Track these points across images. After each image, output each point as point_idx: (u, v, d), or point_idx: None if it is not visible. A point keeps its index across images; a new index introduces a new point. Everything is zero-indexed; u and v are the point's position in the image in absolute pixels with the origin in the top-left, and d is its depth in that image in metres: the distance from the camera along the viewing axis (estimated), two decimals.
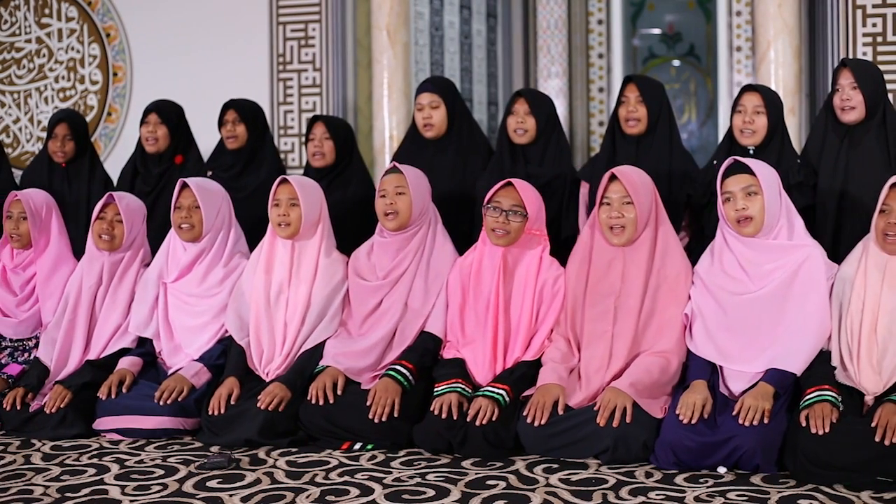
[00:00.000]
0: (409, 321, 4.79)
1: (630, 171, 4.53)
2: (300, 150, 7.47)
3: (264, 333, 4.87)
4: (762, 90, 5.10)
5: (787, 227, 4.36)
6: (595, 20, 10.62)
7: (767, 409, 4.04)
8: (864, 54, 6.53)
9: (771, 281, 4.30)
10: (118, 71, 8.02)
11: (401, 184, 4.78)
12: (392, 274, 4.84)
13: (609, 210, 4.47)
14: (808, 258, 4.30)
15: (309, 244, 4.93)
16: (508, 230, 4.60)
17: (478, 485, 3.93)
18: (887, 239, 4.15)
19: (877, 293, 4.18)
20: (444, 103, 5.55)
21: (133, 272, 5.20)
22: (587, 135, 10.52)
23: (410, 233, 4.85)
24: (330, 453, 4.43)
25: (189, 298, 5.05)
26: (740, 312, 4.33)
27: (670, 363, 4.41)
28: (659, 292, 4.50)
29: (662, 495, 3.78)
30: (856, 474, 3.83)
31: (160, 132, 6.09)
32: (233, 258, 5.10)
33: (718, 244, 4.47)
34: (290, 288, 4.90)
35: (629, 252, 4.51)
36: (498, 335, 4.62)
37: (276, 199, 4.88)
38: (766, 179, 4.29)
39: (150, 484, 4.01)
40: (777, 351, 4.22)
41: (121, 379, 4.88)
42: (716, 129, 10.86)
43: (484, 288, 4.68)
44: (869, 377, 4.12)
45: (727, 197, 4.32)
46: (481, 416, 4.32)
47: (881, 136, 4.87)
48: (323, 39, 7.50)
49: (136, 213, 5.23)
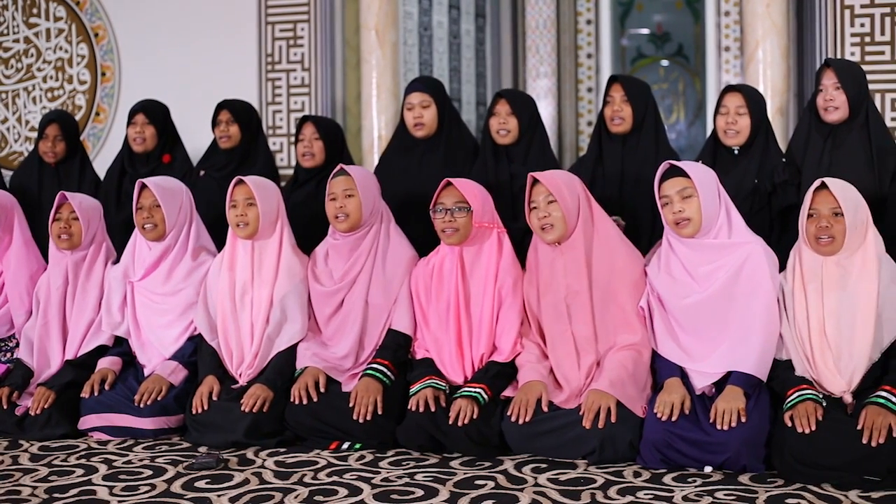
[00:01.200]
0: (373, 318, 4.83)
1: (550, 173, 4.60)
2: (289, 150, 7.47)
3: (232, 335, 4.89)
4: (744, 90, 5.12)
5: (726, 225, 4.38)
6: (584, 20, 10.63)
7: (741, 407, 4.07)
8: (851, 54, 6.54)
9: (715, 281, 4.33)
10: (106, 71, 8.01)
11: (349, 186, 4.79)
12: (348, 275, 4.86)
13: (537, 212, 4.51)
14: (749, 256, 4.32)
15: (268, 244, 4.94)
16: (457, 227, 4.64)
17: (466, 484, 3.94)
18: (820, 241, 4.18)
19: (818, 296, 4.21)
20: (434, 103, 5.55)
21: (99, 268, 5.22)
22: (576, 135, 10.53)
23: (362, 233, 4.87)
24: (318, 453, 4.43)
25: (155, 297, 5.07)
26: (689, 314, 4.37)
27: (641, 354, 4.45)
28: (610, 286, 4.52)
29: (651, 495, 3.79)
30: (843, 473, 3.84)
31: (147, 132, 6.09)
32: (198, 254, 5.12)
33: (664, 248, 4.51)
34: (254, 288, 4.91)
35: (566, 249, 4.54)
36: (462, 333, 4.65)
37: (232, 200, 4.89)
38: (702, 181, 4.33)
39: (138, 484, 4.01)
40: (729, 351, 4.26)
41: (103, 377, 4.90)
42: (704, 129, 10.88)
43: (444, 289, 4.72)
44: (830, 380, 4.14)
45: (665, 201, 4.36)
46: (462, 416, 4.34)
47: (864, 136, 4.88)
48: (311, 39, 7.50)
49: (92, 210, 5.24)
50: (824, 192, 4.18)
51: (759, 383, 4.20)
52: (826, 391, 4.13)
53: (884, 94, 6.43)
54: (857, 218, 4.16)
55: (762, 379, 4.20)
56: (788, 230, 4.87)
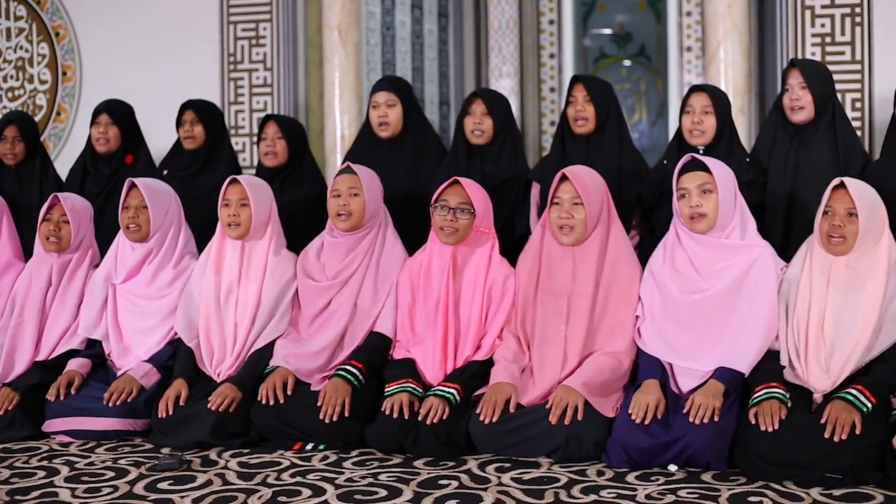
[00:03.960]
0: (358, 322, 4.80)
1: (581, 172, 4.56)
2: (251, 149, 7.43)
3: (214, 334, 4.85)
4: (710, 90, 5.14)
5: (739, 227, 4.39)
6: (546, 20, 10.62)
7: (718, 406, 4.08)
8: (812, 54, 6.58)
9: (722, 280, 4.34)
10: (67, 70, 7.95)
11: (355, 184, 4.77)
12: (342, 274, 4.83)
13: (559, 210, 4.49)
14: (758, 258, 4.34)
15: (259, 244, 4.92)
16: (457, 228, 4.62)
17: (430, 484, 3.94)
18: (831, 240, 4.18)
19: (822, 294, 4.21)
20: (400, 102, 5.55)
21: (82, 273, 5.18)
22: (539, 134, 10.51)
23: (361, 234, 4.85)
24: (282, 454, 4.42)
25: (138, 300, 5.03)
26: (691, 310, 4.36)
27: (622, 363, 4.44)
28: (611, 293, 4.52)
29: (614, 493, 3.80)
30: (805, 471, 3.86)
31: (111, 132, 6.05)
32: (182, 259, 5.08)
33: (671, 241, 4.50)
34: (240, 288, 4.88)
35: (579, 252, 4.53)
36: (448, 334, 4.63)
37: (225, 200, 4.86)
38: (722, 178, 4.33)
39: (100, 486, 3.99)
40: (726, 349, 4.26)
41: (69, 380, 4.86)
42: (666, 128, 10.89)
43: (433, 287, 4.70)
44: (817, 376, 4.15)
45: (682, 193, 4.35)
46: (432, 415, 4.33)
47: (830, 135, 4.92)
48: (274, 39, 7.47)
49: (83, 213, 5.20)
50: (842, 191, 4.17)
51: (741, 383, 4.21)
52: (809, 386, 4.14)
53: (844, 94, 6.47)
54: (872, 220, 4.17)
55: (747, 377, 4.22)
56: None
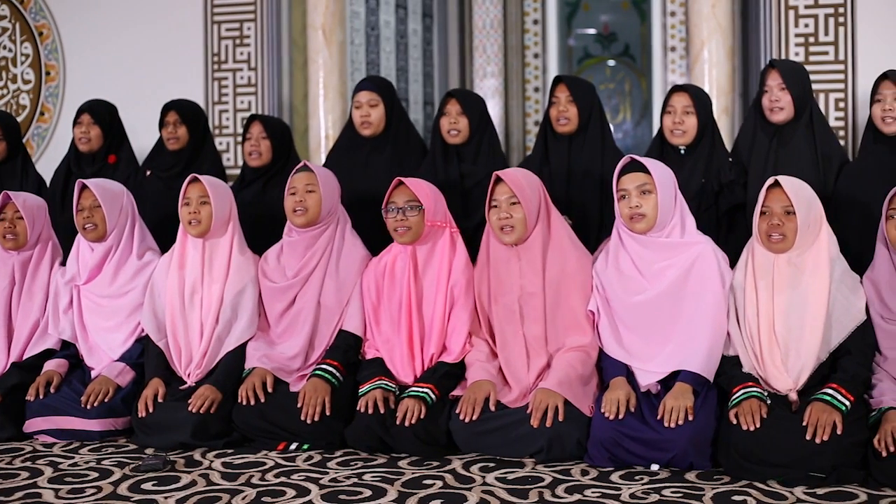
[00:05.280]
0: (324, 320, 4.82)
1: (514, 173, 4.62)
2: (236, 149, 7.43)
3: (181, 334, 4.87)
4: (691, 90, 5.15)
5: (679, 225, 4.42)
6: (531, 20, 10.64)
7: (689, 405, 4.10)
8: (796, 55, 6.60)
9: (664, 279, 4.36)
10: (51, 70, 7.93)
11: (311, 182, 4.79)
12: (302, 272, 4.85)
13: (498, 212, 4.52)
14: (699, 256, 4.36)
15: (220, 242, 4.93)
16: (409, 226, 4.65)
17: (414, 484, 3.94)
18: (771, 239, 4.20)
19: (769, 295, 4.24)
20: (382, 102, 5.55)
21: (45, 268, 5.20)
22: (523, 134, 10.53)
23: (318, 231, 4.86)
24: (266, 454, 4.42)
25: (101, 300, 5.04)
26: (637, 312, 4.40)
27: (590, 356, 4.47)
28: (562, 286, 4.54)
29: (598, 493, 3.80)
30: (788, 470, 3.87)
31: (93, 132, 6.05)
32: (144, 254, 5.10)
33: (614, 244, 4.53)
34: (204, 287, 4.89)
35: (523, 251, 4.56)
36: (413, 333, 4.66)
37: (186, 198, 4.87)
38: (661, 179, 4.36)
39: (84, 487, 3.98)
40: (676, 350, 4.29)
41: (48, 380, 4.87)
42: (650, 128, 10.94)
43: (396, 288, 4.73)
44: (777, 378, 4.17)
45: (622, 194, 4.38)
46: (409, 416, 4.35)
47: (809, 135, 4.94)
48: (258, 39, 7.46)
49: (37, 208, 5.21)
50: (777, 190, 4.20)
51: (708, 382, 4.24)
52: (773, 389, 4.16)
53: (828, 93, 6.49)
54: (809, 216, 4.19)
55: (709, 378, 4.24)
56: (735, 229, 4.91)
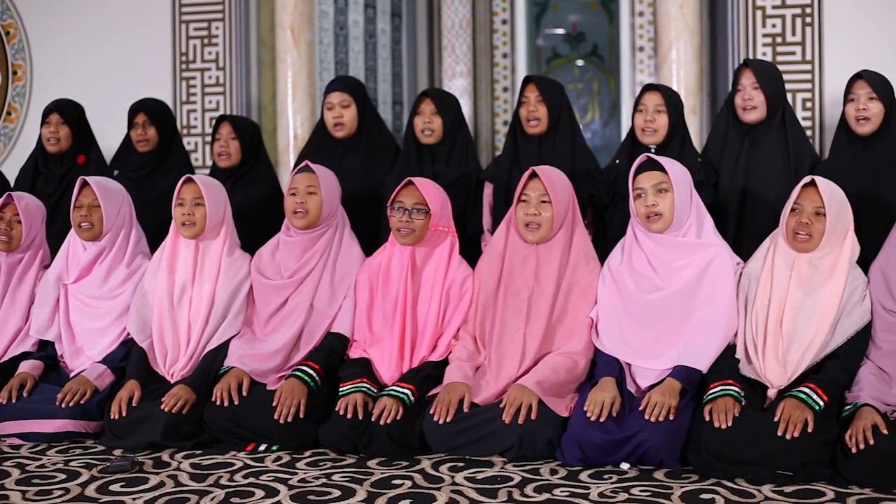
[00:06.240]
0: (315, 322, 4.78)
1: (550, 171, 4.58)
2: (204, 149, 7.40)
3: (168, 334, 4.83)
4: (663, 89, 5.17)
5: (696, 225, 4.42)
6: (499, 20, 10.64)
7: (674, 405, 4.10)
8: (763, 55, 6.63)
9: (679, 279, 4.36)
10: (18, 70, 7.88)
11: (312, 183, 4.76)
12: (298, 273, 4.82)
13: (526, 207, 4.50)
14: (715, 257, 4.36)
15: (213, 244, 4.90)
16: (413, 228, 4.62)
17: (383, 484, 3.93)
18: (797, 237, 4.22)
19: (784, 289, 4.25)
20: (354, 103, 5.55)
21: (32, 274, 5.15)
22: (492, 134, 10.53)
23: (318, 233, 4.84)
24: (235, 455, 4.40)
25: (90, 300, 4.99)
26: (649, 310, 4.38)
27: (577, 364, 4.45)
28: (571, 294, 4.53)
29: (567, 492, 3.81)
30: (757, 468, 3.89)
31: (62, 132, 6.02)
32: (135, 258, 5.05)
33: (629, 241, 4.52)
34: (194, 287, 4.86)
35: (543, 250, 4.55)
36: (405, 334, 4.63)
37: (180, 199, 4.84)
38: (678, 178, 4.35)
39: (51, 488, 3.96)
40: (684, 348, 4.28)
41: (21, 383, 4.82)
42: (619, 128, 10.94)
43: (392, 287, 4.69)
44: (774, 370, 4.19)
45: (638, 193, 4.38)
46: (385, 415, 4.32)
47: (781, 135, 4.97)
48: (226, 38, 7.44)
49: (36, 213, 5.17)
50: (811, 190, 4.21)
51: (698, 381, 4.23)
52: (765, 380, 4.18)
53: (795, 93, 6.52)
54: (838, 221, 4.21)
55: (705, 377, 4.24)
56: None
